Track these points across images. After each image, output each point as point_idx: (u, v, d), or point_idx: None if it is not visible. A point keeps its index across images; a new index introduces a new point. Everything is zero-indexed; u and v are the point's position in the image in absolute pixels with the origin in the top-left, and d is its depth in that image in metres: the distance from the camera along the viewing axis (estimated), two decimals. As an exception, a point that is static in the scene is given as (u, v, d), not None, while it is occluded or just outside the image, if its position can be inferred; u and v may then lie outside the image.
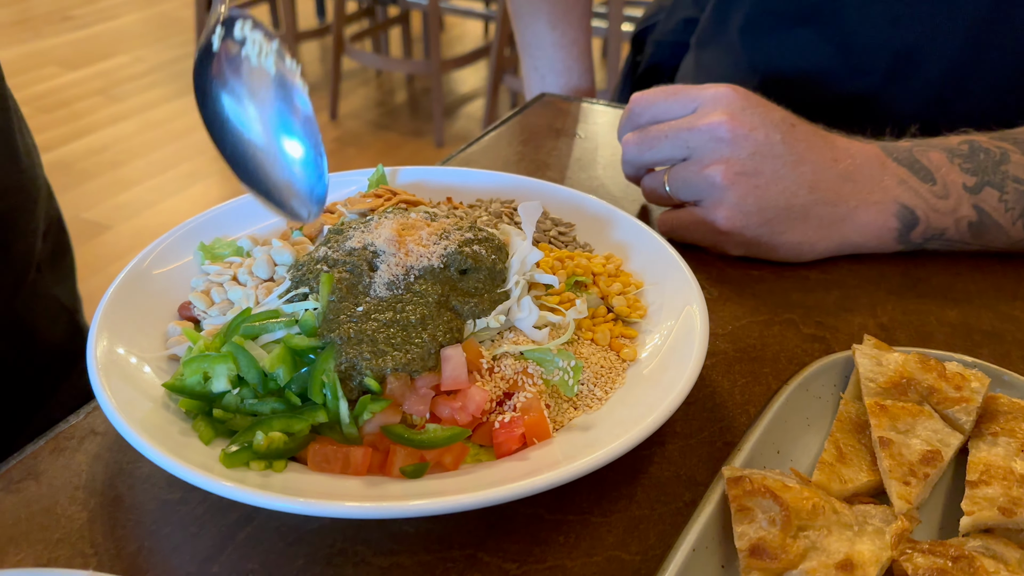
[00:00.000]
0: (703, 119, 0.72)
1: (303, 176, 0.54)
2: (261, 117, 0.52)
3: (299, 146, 0.54)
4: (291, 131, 0.53)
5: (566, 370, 0.56)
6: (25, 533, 0.51)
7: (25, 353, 0.84)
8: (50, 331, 0.88)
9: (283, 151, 0.53)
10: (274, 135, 0.53)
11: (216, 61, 0.52)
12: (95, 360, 0.53)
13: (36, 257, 0.85)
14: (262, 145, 0.52)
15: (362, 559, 0.49)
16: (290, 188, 0.53)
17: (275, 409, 0.51)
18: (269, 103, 0.53)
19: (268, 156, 0.53)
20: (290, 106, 0.53)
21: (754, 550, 0.46)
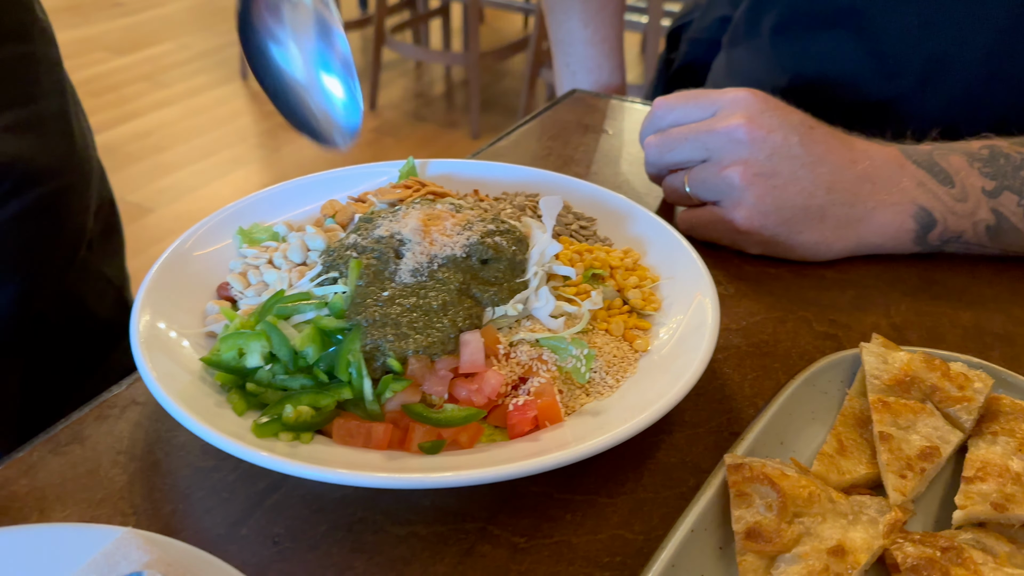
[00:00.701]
0: (722, 122, 0.74)
1: (340, 109, 0.56)
2: (302, 53, 0.55)
3: (336, 82, 0.56)
4: (329, 67, 0.55)
5: (579, 358, 0.58)
6: (70, 492, 0.55)
7: (75, 325, 0.89)
8: (98, 305, 0.93)
9: (322, 86, 0.55)
10: (314, 71, 0.55)
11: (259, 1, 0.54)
12: (138, 334, 0.56)
13: (88, 235, 0.90)
14: (302, 80, 0.55)
15: (381, 527, 0.52)
16: (327, 120, 0.55)
17: (304, 385, 0.55)
18: (309, 40, 0.55)
19: (307, 90, 0.55)
20: (329, 44, 0.55)
21: (750, 533, 0.48)
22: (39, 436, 0.59)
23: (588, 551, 0.52)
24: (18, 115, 0.78)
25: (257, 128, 3.98)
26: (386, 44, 4.01)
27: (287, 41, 0.54)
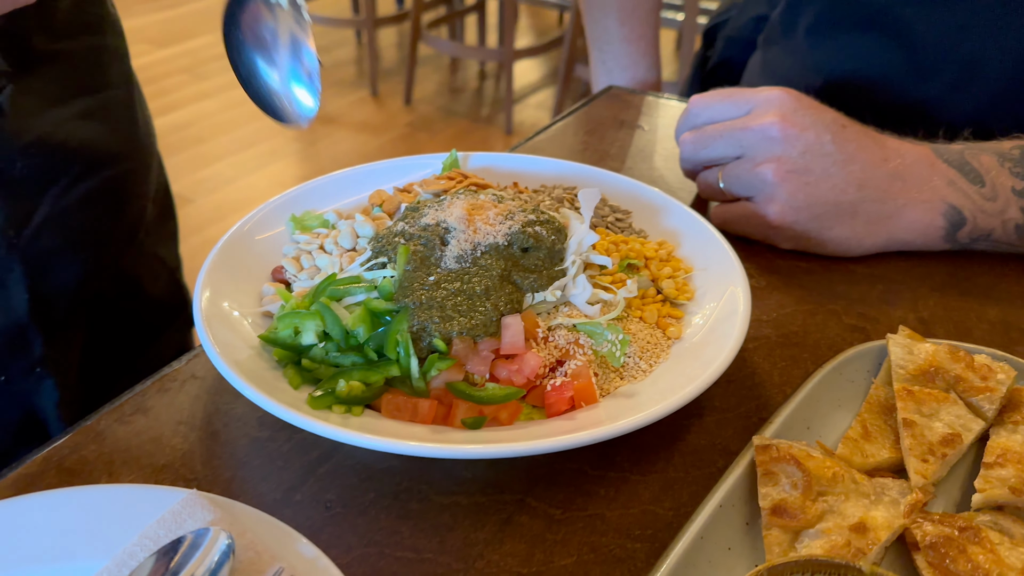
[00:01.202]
0: (756, 120, 0.76)
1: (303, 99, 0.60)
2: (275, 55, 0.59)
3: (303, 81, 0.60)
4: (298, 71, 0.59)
5: (614, 343, 0.61)
6: (136, 458, 0.59)
7: (131, 304, 0.94)
8: (153, 286, 0.97)
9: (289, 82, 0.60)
10: (284, 69, 0.59)
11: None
12: (201, 310, 0.60)
13: (146, 219, 0.95)
14: (274, 80, 0.59)
15: (425, 496, 0.56)
16: (291, 107, 0.60)
17: (355, 362, 0.58)
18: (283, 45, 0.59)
19: (276, 84, 0.59)
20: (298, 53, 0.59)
21: (775, 509, 0.50)
22: (105, 406, 0.63)
23: (620, 524, 0.54)
24: (88, 103, 0.83)
25: (295, 121, 4.04)
26: (422, 39, 4.05)
27: (264, 42, 0.59)
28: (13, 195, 0.75)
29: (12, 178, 0.75)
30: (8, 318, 0.77)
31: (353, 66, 4.71)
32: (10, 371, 0.79)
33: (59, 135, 0.78)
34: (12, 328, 0.78)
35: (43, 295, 0.79)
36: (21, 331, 0.78)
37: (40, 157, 0.77)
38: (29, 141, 0.76)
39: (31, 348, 0.79)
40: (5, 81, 0.73)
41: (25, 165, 0.75)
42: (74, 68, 0.81)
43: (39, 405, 0.82)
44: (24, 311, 0.78)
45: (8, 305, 0.77)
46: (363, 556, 0.52)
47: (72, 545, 0.49)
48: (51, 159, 0.78)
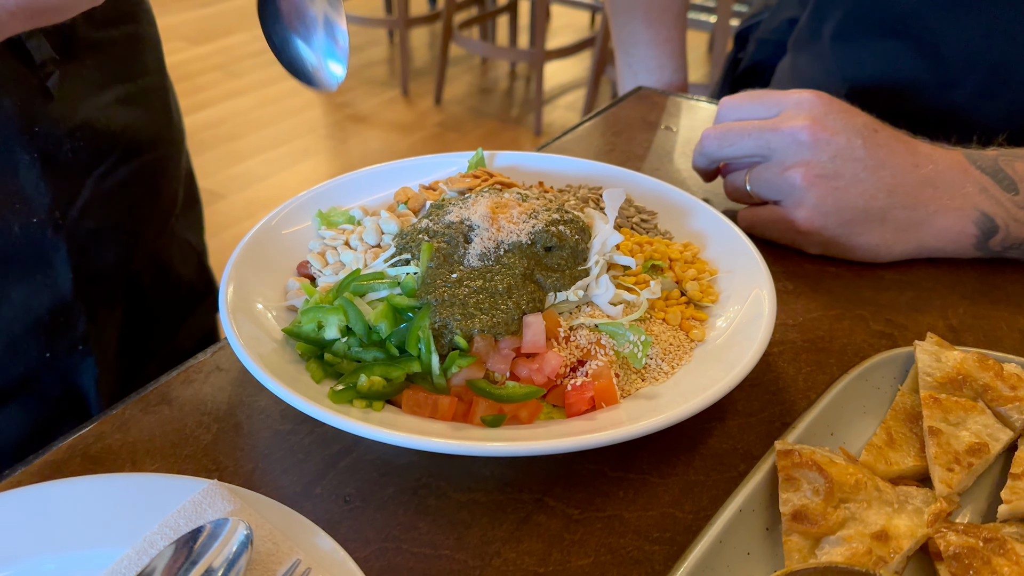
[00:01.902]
0: (786, 122, 0.75)
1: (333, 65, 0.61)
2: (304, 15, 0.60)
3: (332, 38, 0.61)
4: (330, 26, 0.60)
5: (636, 344, 0.61)
6: (159, 448, 0.59)
7: (164, 286, 0.96)
8: (183, 269, 1.00)
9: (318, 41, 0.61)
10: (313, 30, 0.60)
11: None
12: (226, 303, 0.61)
13: (178, 203, 0.97)
14: (307, 50, 0.60)
15: (443, 493, 0.56)
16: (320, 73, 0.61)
17: (377, 357, 0.59)
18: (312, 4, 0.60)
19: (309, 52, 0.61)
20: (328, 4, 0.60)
21: (796, 515, 0.50)
22: (130, 396, 0.64)
23: (639, 526, 0.54)
24: (128, 89, 0.86)
25: (326, 120, 4.08)
26: (453, 40, 4.06)
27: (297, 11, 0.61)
28: (59, 177, 0.78)
29: (59, 161, 0.78)
30: (55, 296, 0.80)
31: (385, 65, 4.74)
32: (55, 347, 0.82)
33: (102, 120, 0.82)
34: (58, 306, 0.80)
35: (86, 274, 0.82)
36: (66, 308, 0.81)
37: (84, 140, 0.80)
38: (75, 125, 0.79)
39: (75, 326, 0.82)
40: (52, 67, 0.76)
41: (71, 148, 0.79)
42: (114, 55, 0.84)
43: (80, 382, 0.85)
44: (69, 289, 0.80)
45: (55, 284, 0.80)
46: (381, 550, 0.52)
47: (95, 532, 0.50)
48: (94, 143, 0.81)
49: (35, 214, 0.77)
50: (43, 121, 0.76)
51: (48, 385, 0.82)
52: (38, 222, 0.77)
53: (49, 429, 0.82)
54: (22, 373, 0.80)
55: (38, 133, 0.76)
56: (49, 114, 0.77)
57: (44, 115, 0.76)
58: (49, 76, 0.76)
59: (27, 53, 0.74)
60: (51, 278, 0.79)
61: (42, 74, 0.75)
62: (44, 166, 0.76)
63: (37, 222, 0.77)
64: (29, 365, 0.80)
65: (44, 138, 0.76)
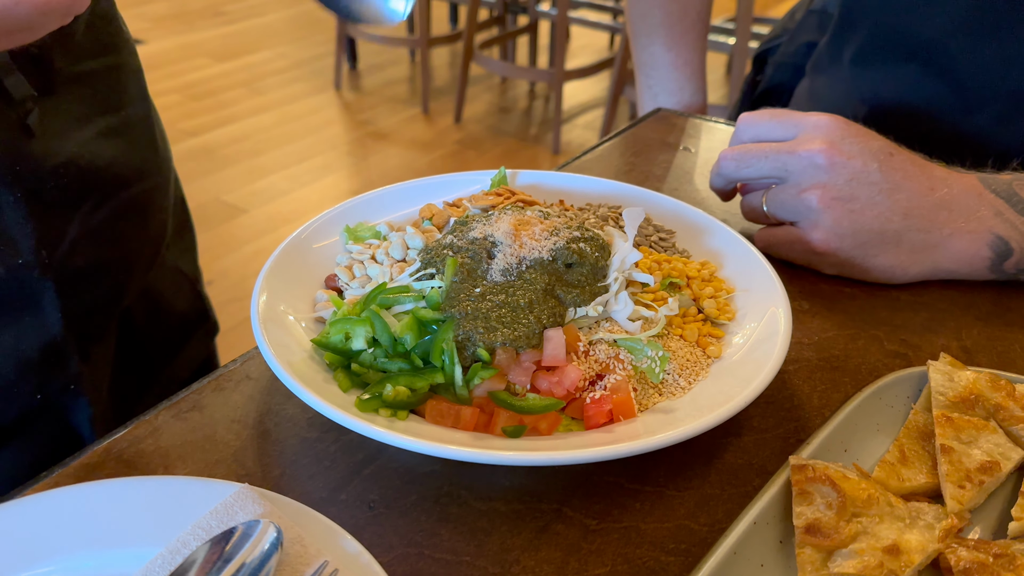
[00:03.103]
0: (803, 145, 0.77)
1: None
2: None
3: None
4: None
5: (654, 359, 0.62)
6: (190, 453, 0.61)
7: (156, 318, 0.95)
8: (175, 299, 0.99)
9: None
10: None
11: None
12: (258, 312, 0.63)
13: (168, 233, 0.96)
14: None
15: (464, 501, 0.57)
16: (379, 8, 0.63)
17: (402, 368, 0.60)
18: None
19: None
20: None
21: (809, 528, 0.51)
22: (163, 403, 0.66)
23: (655, 537, 0.56)
24: (109, 121, 0.84)
25: (347, 137, 4.13)
26: (474, 59, 4.11)
27: None
28: (45, 216, 0.76)
29: (43, 199, 0.76)
30: (44, 337, 0.78)
31: (406, 84, 4.80)
32: (47, 389, 0.80)
33: (86, 155, 0.80)
34: (48, 346, 0.79)
35: (76, 313, 0.80)
36: (57, 349, 0.79)
37: (69, 178, 0.78)
38: (58, 163, 0.77)
39: (67, 365, 0.81)
40: (32, 104, 0.75)
41: (56, 186, 0.77)
42: (95, 88, 0.83)
43: (75, 422, 0.83)
44: (59, 329, 0.79)
45: (44, 324, 0.78)
46: (403, 556, 0.54)
47: (129, 532, 0.52)
48: (79, 179, 0.80)
49: (21, 255, 0.75)
50: (25, 160, 0.74)
51: (42, 427, 0.81)
52: (24, 263, 0.75)
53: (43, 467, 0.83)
54: (15, 416, 0.79)
55: (20, 172, 0.74)
56: (31, 152, 0.75)
57: (26, 153, 0.74)
58: (28, 113, 0.74)
59: (5, 91, 0.72)
60: (40, 319, 0.77)
61: (21, 111, 0.74)
62: (29, 205, 0.74)
63: (23, 263, 0.75)
64: (21, 408, 0.79)
65: (27, 177, 0.74)
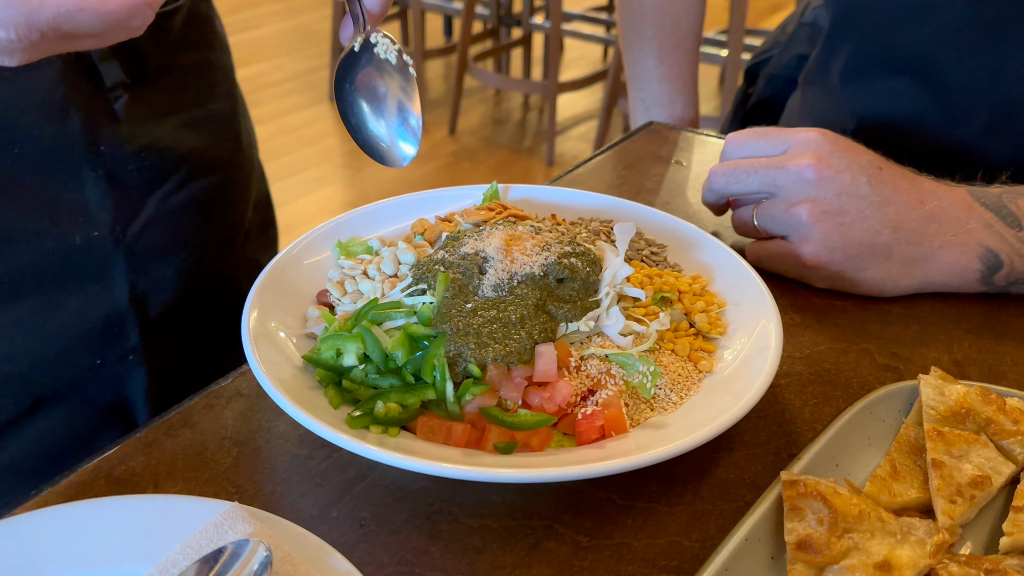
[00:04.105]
0: (792, 160, 0.77)
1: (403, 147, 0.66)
2: (379, 98, 0.66)
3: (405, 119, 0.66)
4: (403, 109, 0.66)
5: (645, 374, 0.62)
6: (181, 471, 0.61)
7: (226, 302, 0.99)
8: (247, 287, 1.04)
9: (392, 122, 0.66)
10: (388, 110, 0.66)
11: (354, 57, 0.64)
12: (248, 330, 0.63)
13: (246, 225, 1.01)
14: (380, 130, 0.66)
15: (455, 518, 0.57)
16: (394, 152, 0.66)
17: (393, 384, 0.60)
18: (387, 88, 0.65)
19: (382, 136, 0.66)
20: (402, 88, 0.65)
21: (801, 544, 0.51)
22: (153, 420, 0.66)
23: (647, 554, 0.55)
24: (194, 114, 0.89)
25: (342, 149, 4.13)
26: (468, 72, 4.12)
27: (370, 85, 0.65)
28: (122, 194, 0.81)
29: (123, 179, 0.81)
30: (109, 307, 0.83)
31: (400, 96, 4.80)
32: (106, 356, 0.84)
33: (167, 142, 0.85)
34: (112, 316, 0.83)
35: (143, 289, 0.85)
36: (120, 320, 0.84)
37: (149, 161, 0.83)
38: (140, 146, 0.82)
39: (127, 337, 0.85)
40: (122, 91, 0.79)
41: (136, 168, 0.82)
42: (184, 81, 0.88)
43: (129, 391, 0.87)
44: (124, 302, 0.83)
45: (111, 296, 0.82)
46: (394, 574, 0.53)
47: (118, 551, 0.51)
48: (159, 163, 0.84)
49: (96, 228, 0.80)
50: (109, 141, 0.79)
51: (96, 392, 0.85)
52: (98, 236, 0.80)
53: (93, 435, 0.85)
54: (71, 378, 0.83)
55: (103, 152, 0.79)
56: (115, 135, 0.80)
57: (110, 135, 0.79)
58: (118, 99, 0.79)
59: (99, 76, 0.77)
60: (107, 290, 0.82)
61: (111, 96, 0.79)
62: (108, 183, 0.80)
63: (98, 235, 0.80)
64: (79, 371, 0.83)
65: (109, 157, 0.79)
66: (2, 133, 0.73)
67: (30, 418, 0.81)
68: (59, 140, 0.76)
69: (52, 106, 0.75)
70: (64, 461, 0.76)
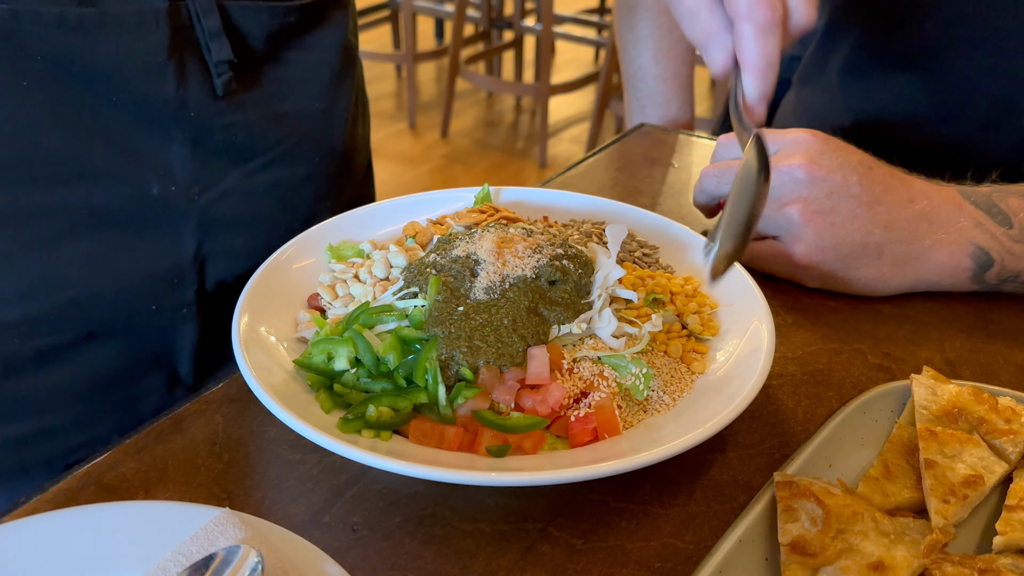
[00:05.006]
0: (782, 161, 0.77)
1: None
2: None
3: None
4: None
5: (638, 376, 0.62)
6: (172, 476, 0.61)
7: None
8: None
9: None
10: None
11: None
12: (239, 334, 0.63)
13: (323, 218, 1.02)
14: None
15: (448, 522, 0.57)
16: None
17: (385, 388, 0.60)
18: None
19: None
20: None
21: (794, 545, 0.51)
22: (144, 425, 0.65)
23: (641, 556, 0.55)
24: (292, 107, 0.91)
25: (333, 152, 4.12)
26: (460, 74, 4.12)
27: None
28: (205, 161, 0.83)
29: (208, 148, 0.83)
30: (173, 259, 0.85)
31: (393, 99, 4.80)
32: (161, 304, 0.87)
33: (259, 125, 0.87)
34: (175, 269, 0.86)
35: (208, 252, 0.87)
36: (181, 274, 0.86)
37: (238, 138, 0.85)
38: (229, 122, 0.84)
39: (185, 292, 0.87)
40: (227, 69, 0.81)
41: (222, 140, 0.84)
42: (291, 75, 0.89)
43: (177, 342, 0.90)
44: (189, 258, 0.86)
45: (177, 249, 0.85)
46: (387, 578, 0.53)
47: (109, 559, 0.51)
48: (247, 142, 0.86)
49: (175, 184, 0.82)
50: (200, 110, 0.81)
51: (147, 335, 0.88)
52: (175, 192, 0.82)
53: (137, 376, 0.89)
54: (126, 317, 0.85)
55: (192, 118, 0.81)
56: (208, 107, 0.82)
57: (203, 106, 0.81)
58: (221, 75, 0.81)
59: (208, 52, 0.80)
60: (175, 244, 0.85)
61: (216, 71, 0.81)
62: (194, 147, 0.82)
63: (174, 191, 0.82)
64: (134, 312, 0.85)
65: (198, 125, 0.82)
66: (102, 81, 0.76)
67: (83, 347, 0.84)
68: (153, 98, 0.78)
69: (152, 67, 0.77)
70: (109, 392, 0.85)
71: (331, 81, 0.94)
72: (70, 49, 0.74)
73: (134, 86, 0.77)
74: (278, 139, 0.89)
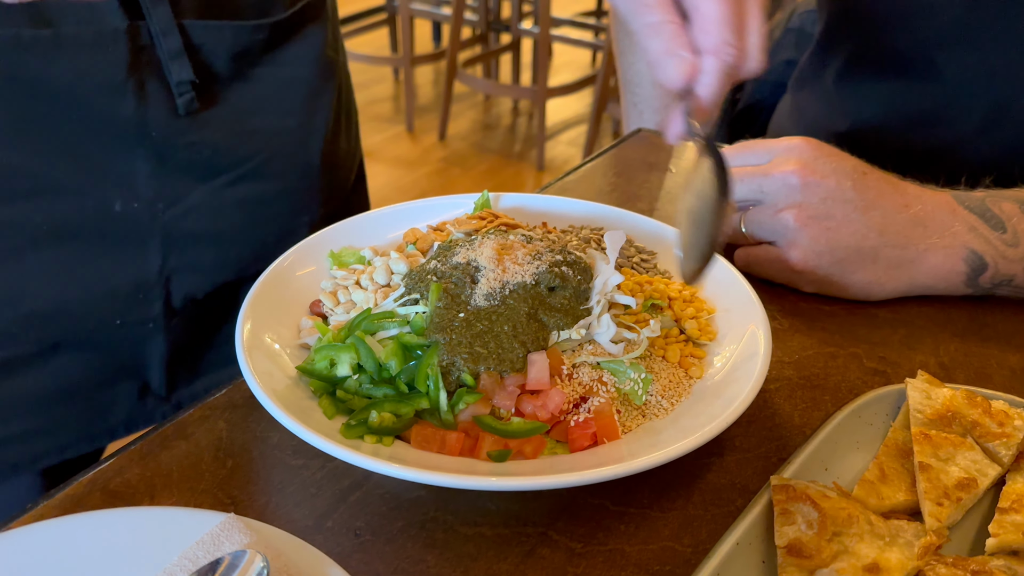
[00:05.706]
0: (777, 167, 0.78)
1: None
2: None
3: None
4: None
5: (637, 381, 0.63)
6: (176, 482, 0.61)
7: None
8: None
9: None
10: None
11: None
12: (242, 341, 0.63)
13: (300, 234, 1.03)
14: None
15: (450, 527, 0.58)
16: None
17: (387, 394, 0.61)
18: None
19: None
20: None
21: (791, 548, 0.52)
22: (150, 431, 0.66)
23: (640, 559, 0.56)
24: (262, 124, 0.91)
25: (331, 155, 4.13)
26: (457, 77, 4.13)
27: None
28: (169, 178, 0.83)
29: (171, 165, 0.83)
30: (138, 274, 0.85)
31: (390, 102, 4.81)
32: (127, 317, 0.87)
33: (225, 143, 0.86)
34: (140, 283, 0.86)
35: (173, 267, 0.87)
36: (147, 288, 0.86)
37: (201, 155, 0.85)
38: (193, 140, 0.84)
39: (151, 306, 0.88)
40: (188, 89, 0.81)
41: (185, 158, 0.84)
42: (258, 92, 0.89)
43: (146, 354, 0.90)
44: (154, 273, 0.86)
45: (141, 264, 0.85)
46: (390, 582, 0.54)
47: (115, 564, 0.52)
48: (212, 160, 0.86)
49: (137, 200, 0.82)
50: (162, 129, 0.81)
51: (113, 347, 0.88)
52: (138, 208, 0.82)
53: (106, 385, 0.89)
54: (91, 330, 0.85)
55: (154, 136, 0.81)
56: (170, 125, 0.82)
57: (164, 124, 0.81)
58: (182, 95, 0.81)
59: (170, 72, 0.79)
60: (140, 259, 0.85)
61: (176, 91, 0.81)
62: (157, 164, 0.82)
63: (137, 207, 0.82)
64: (99, 325, 0.85)
65: (160, 142, 0.82)
66: (62, 99, 0.76)
67: (48, 357, 0.84)
68: (113, 117, 0.78)
69: (110, 86, 0.77)
70: (76, 401, 0.84)
71: (307, 96, 0.93)
72: (27, 69, 0.74)
73: (93, 104, 0.77)
74: (247, 156, 0.88)
